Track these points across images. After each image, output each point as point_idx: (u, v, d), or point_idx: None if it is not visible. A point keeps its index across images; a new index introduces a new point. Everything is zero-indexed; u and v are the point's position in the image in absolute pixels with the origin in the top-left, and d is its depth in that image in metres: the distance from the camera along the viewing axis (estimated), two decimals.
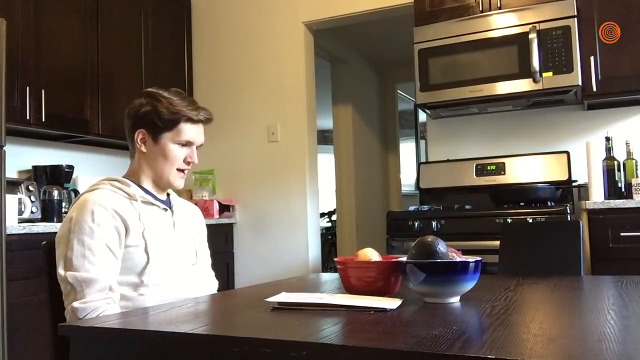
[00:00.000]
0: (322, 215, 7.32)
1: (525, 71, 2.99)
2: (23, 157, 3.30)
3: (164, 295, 1.48)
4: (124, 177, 1.62)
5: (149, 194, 1.60)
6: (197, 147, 1.66)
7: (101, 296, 1.39)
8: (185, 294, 1.52)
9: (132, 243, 1.48)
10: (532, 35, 2.95)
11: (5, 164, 2.42)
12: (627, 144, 2.99)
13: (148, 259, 1.49)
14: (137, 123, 1.60)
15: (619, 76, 2.90)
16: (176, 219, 1.64)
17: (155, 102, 1.58)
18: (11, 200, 2.66)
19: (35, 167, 3.30)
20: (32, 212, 2.98)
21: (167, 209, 1.62)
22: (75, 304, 1.38)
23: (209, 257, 1.78)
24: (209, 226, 1.88)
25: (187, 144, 1.61)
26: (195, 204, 1.87)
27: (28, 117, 2.96)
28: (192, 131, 1.61)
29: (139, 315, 1.21)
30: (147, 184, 1.62)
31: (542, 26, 2.97)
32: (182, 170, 1.64)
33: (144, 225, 1.51)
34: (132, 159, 1.65)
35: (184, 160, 1.62)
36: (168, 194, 1.69)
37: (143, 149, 1.60)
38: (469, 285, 1.20)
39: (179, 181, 1.64)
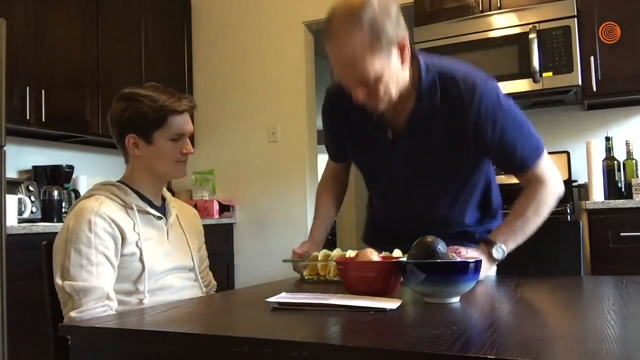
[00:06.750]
0: None
1: (525, 71, 2.98)
2: (23, 157, 3.30)
3: (160, 301, 1.48)
4: (120, 180, 1.61)
5: (145, 200, 1.59)
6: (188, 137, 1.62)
7: (98, 305, 1.39)
8: (182, 298, 1.52)
9: (128, 252, 1.48)
10: (532, 35, 2.95)
11: (5, 164, 2.42)
12: (627, 144, 2.99)
13: (143, 267, 1.49)
14: (124, 129, 1.56)
15: (619, 76, 2.90)
16: (170, 226, 1.62)
17: (137, 103, 1.54)
18: (11, 200, 2.66)
19: (35, 167, 3.31)
20: (32, 212, 2.98)
21: (161, 217, 1.61)
22: (73, 314, 1.38)
23: (206, 259, 1.78)
24: (209, 226, 1.88)
25: (179, 136, 1.58)
26: (195, 204, 1.87)
27: (28, 117, 2.96)
28: (180, 122, 1.57)
29: (138, 315, 1.21)
30: (144, 187, 1.60)
31: (542, 26, 2.97)
32: (182, 160, 1.61)
33: (139, 234, 1.51)
34: (127, 164, 1.63)
35: (181, 153, 1.59)
36: (164, 199, 1.67)
37: (137, 152, 1.57)
38: (469, 285, 1.20)
39: (180, 171, 1.62)
